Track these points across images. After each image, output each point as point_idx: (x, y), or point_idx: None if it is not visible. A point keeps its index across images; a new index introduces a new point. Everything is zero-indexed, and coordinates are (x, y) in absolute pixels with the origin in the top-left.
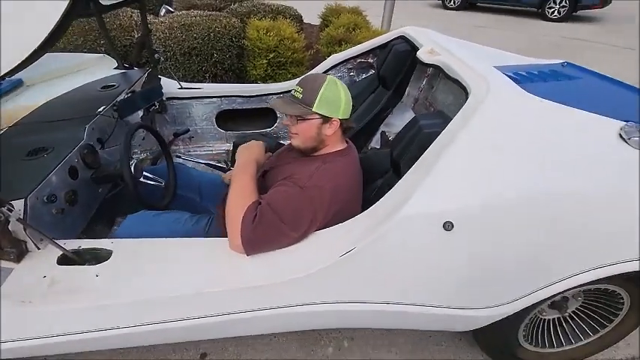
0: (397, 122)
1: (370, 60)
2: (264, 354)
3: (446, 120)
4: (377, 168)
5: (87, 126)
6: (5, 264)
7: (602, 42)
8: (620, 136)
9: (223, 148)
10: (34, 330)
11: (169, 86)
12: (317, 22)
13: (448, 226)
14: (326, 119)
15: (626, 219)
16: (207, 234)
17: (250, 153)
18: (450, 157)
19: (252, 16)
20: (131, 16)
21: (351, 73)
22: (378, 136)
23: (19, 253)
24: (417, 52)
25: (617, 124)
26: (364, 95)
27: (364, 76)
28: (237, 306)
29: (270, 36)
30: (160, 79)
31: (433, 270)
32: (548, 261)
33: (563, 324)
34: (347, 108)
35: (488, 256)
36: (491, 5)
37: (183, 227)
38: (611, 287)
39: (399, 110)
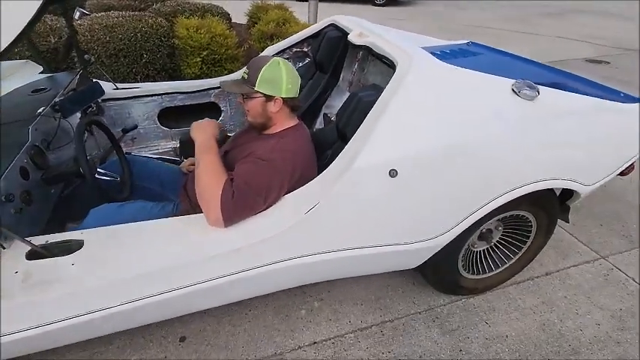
0: (336, 103)
1: (305, 49)
2: (242, 326)
3: (379, 90)
4: (325, 142)
5: (30, 127)
6: None
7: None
8: (513, 90)
9: (169, 146)
10: (14, 324)
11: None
12: (243, 21)
13: (393, 172)
14: (269, 97)
15: (522, 152)
16: None
17: (206, 131)
18: (388, 117)
19: (178, 15)
20: (44, 21)
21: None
22: (320, 118)
23: None
24: (348, 36)
25: (510, 82)
26: (304, 81)
27: (301, 64)
28: (219, 271)
29: (201, 34)
30: (93, 80)
31: (385, 212)
32: (469, 194)
33: (491, 253)
34: (291, 88)
35: (427, 194)
36: None
37: (149, 215)
38: (521, 213)
39: (336, 93)
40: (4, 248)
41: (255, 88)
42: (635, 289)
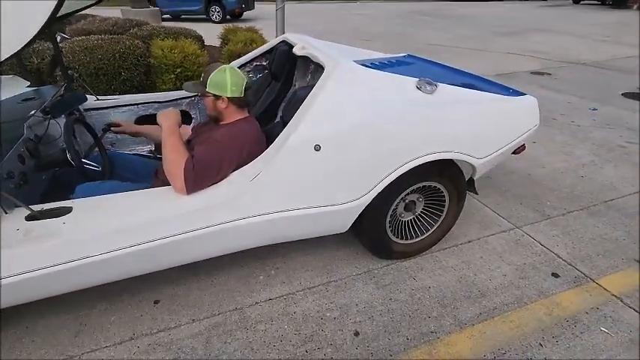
0: None
1: (264, 62)
2: (208, 290)
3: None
4: (275, 134)
5: (25, 124)
6: None
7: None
8: (416, 86)
9: (145, 150)
10: (16, 268)
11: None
12: (217, 43)
13: (317, 147)
14: (217, 97)
15: (420, 130)
16: None
17: (170, 118)
18: (315, 106)
19: (153, 37)
20: None
21: (250, 75)
22: (278, 119)
23: None
24: (293, 49)
25: (415, 80)
26: (262, 89)
27: (260, 75)
28: (183, 227)
29: (174, 53)
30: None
31: (313, 179)
32: (379, 163)
33: (417, 221)
34: (235, 89)
35: (346, 163)
36: None
37: (125, 190)
38: (433, 184)
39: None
40: (5, 213)
41: (207, 90)
42: (540, 249)
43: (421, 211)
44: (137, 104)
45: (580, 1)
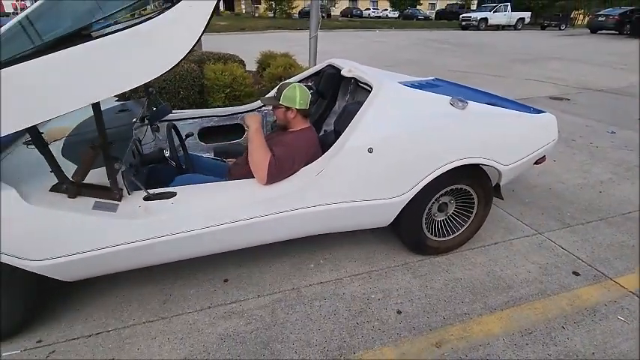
0: (332, 122)
1: (310, 83)
2: (267, 273)
3: (361, 104)
4: (327, 143)
5: (132, 128)
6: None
7: None
8: (450, 103)
9: (205, 155)
10: (141, 234)
11: None
12: (252, 67)
13: (370, 150)
14: (288, 108)
15: (453, 139)
16: None
17: (257, 121)
18: (366, 117)
19: (205, 61)
20: None
21: None
22: (325, 130)
23: (120, 195)
24: (341, 72)
25: (448, 98)
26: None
27: None
28: (262, 211)
29: (225, 75)
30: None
31: (366, 176)
32: (419, 165)
33: (448, 221)
34: (302, 102)
35: (392, 164)
36: None
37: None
38: (463, 186)
39: (333, 114)
40: (129, 194)
41: (280, 102)
42: (561, 252)
43: (453, 212)
44: (201, 117)
45: (597, 30)
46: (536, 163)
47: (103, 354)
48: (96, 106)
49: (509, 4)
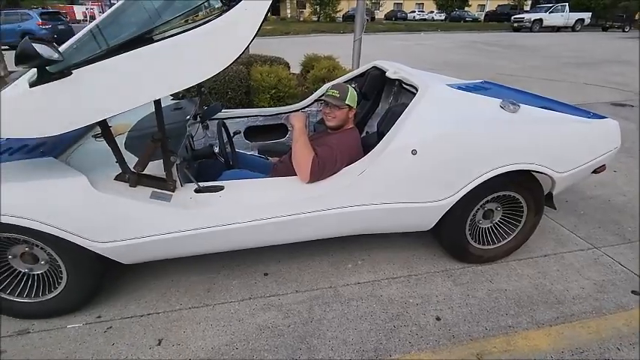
0: (374, 123)
1: (354, 85)
2: (306, 270)
3: (405, 105)
4: (369, 144)
5: (187, 125)
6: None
7: None
8: (500, 106)
9: (249, 153)
10: (191, 224)
11: None
12: (297, 70)
13: (414, 152)
14: (350, 108)
15: (503, 143)
16: None
17: (301, 120)
18: (411, 119)
19: (252, 63)
20: None
21: None
22: (367, 132)
23: (174, 186)
24: (386, 73)
25: (498, 101)
26: None
27: None
28: (304, 208)
29: (270, 77)
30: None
31: (409, 178)
32: (465, 169)
33: (494, 229)
34: (358, 101)
35: (436, 167)
36: None
37: (256, 177)
38: (511, 194)
39: (375, 116)
40: (181, 186)
41: (346, 102)
42: (620, 269)
43: (499, 220)
44: (247, 116)
45: None
46: (594, 172)
47: (153, 333)
48: (157, 103)
49: (567, 4)
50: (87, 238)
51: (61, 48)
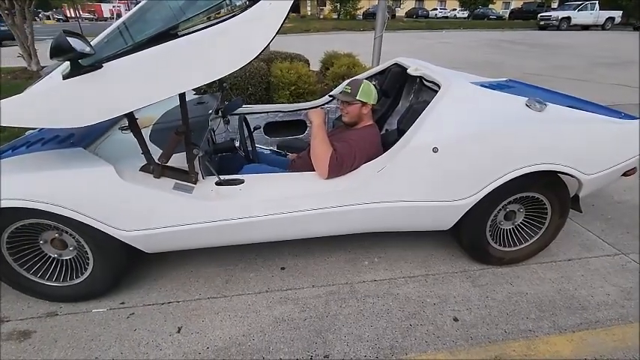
0: (394, 121)
1: (374, 82)
2: (322, 265)
3: (427, 103)
4: (389, 141)
5: (209, 119)
6: (188, 184)
7: None
8: (526, 104)
9: (268, 150)
10: (212, 216)
11: None
12: (316, 67)
13: (435, 149)
14: (363, 104)
15: (528, 143)
16: None
17: (320, 116)
18: (433, 116)
19: (272, 60)
20: None
21: None
22: (387, 129)
23: (196, 178)
24: (407, 70)
25: (524, 99)
26: None
27: None
28: (322, 204)
29: (290, 74)
30: (233, 98)
31: (430, 176)
32: (487, 168)
33: (516, 231)
34: (375, 97)
35: (458, 165)
36: None
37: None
38: (535, 195)
39: (395, 114)
40: (203, 178)
41: (357, 98)
42: None
43: (521, 222)
44: (267, 112)
45: None
46: (624, 174)
47: (173, 321)
48: (182, 96)
49: (597, 2)
50: (112, 226)
51: (92, 42)
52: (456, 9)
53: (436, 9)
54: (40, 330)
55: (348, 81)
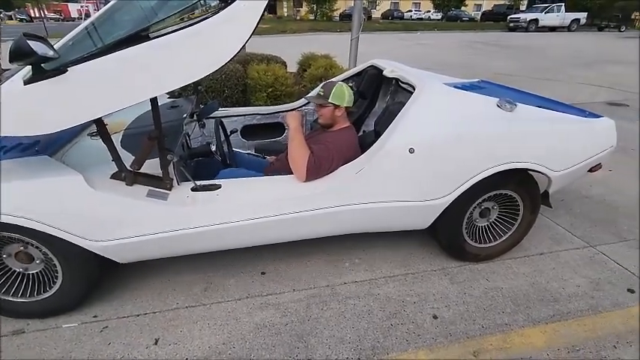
0: (371, 122)
1: (351, 83)
2: (303, 268)
3: (403, 104)
4: (366, 142)
5: (183, 123)
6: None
7: None
8: (497, 105)
9: (246, 154)
10: (188, 222)
11: None
12: (294, 69)
13: (411, 150)
14: (336, 106)
15: (500, 142)
16: None
17: (297, 119)
18: (408, 117)
19: (249, 62)
20: None
21: None
22: (363, 130)
23: (171, 184)
24: (383, 72)
25: (495, 100)
26: None
27: None
28: (301, 207)
29: (267, 76)
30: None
31: (406, 176)
32: (462, 167)
33: (491, 228)
34: (349, 100)
35: (434, 165)
36: None
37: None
38: (508, 192)
39: (372, 115)
40: (178, 184)
41: (329, 100)
42: (615, 267)
43: (495, 219)
44: (244, 115)
45: None
46: (590, 170)
47: (150, 333)
48: (153, 101)
49: (562, 4)
50: (82, 237)
51: (56, 45)
52: (430, 10)
53: (411, 10)
54: (6, 350)
55: (323, 83)
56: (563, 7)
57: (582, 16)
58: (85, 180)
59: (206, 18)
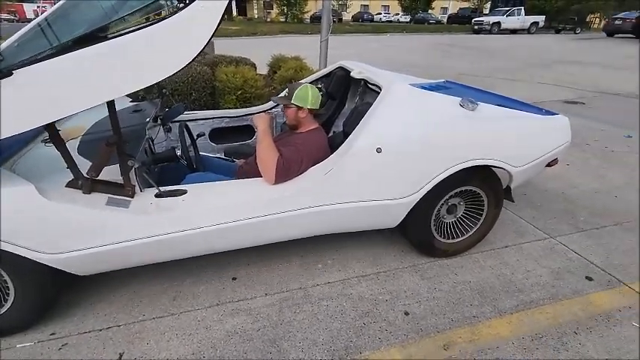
0: (341, 123)
1: (320, 85)
2: (275, 272)
3: (370, 105)
4: (336, 143)
5: (146, 128)
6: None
7: None
8: (460, 104)
9: (215, 157)
10: (152, 230)
11: None
12: (264, 71)
13: (379, 150)
14: (299, 108)
15: (463, 140)
16: None
17: (265, 121)
18: (375, 118)
19: (217, 64)
20: None
21: None
22: (333, 131)
23: (133, 191)
24: (351, 73)
25: (458, 99)
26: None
27: None
28: (271, 210)
29: (236, 78)
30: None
31: (374, 177)
32: (428, 165)
33: (458, 224)
34: (314, 102)
35: (401, 164)
36: None
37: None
38: (473, 188)
39: (341, 116)
40: (141, 191)
41: (292, 101)
42: (574, 256)
43: (462, 215)
44: (212, 118)
45: (614, 34)
46: (548, 165)
47: (114, 348)
48: (110, 104)
49: (522, 8)
50: (35, 250)
51: (1, 46)
52: (399, 13)
53: (380, 13)
54: None
55: (289, 84)
56: (522, 11)
57: (541, 19)
58: (37, 190)
59: (165, 18)
